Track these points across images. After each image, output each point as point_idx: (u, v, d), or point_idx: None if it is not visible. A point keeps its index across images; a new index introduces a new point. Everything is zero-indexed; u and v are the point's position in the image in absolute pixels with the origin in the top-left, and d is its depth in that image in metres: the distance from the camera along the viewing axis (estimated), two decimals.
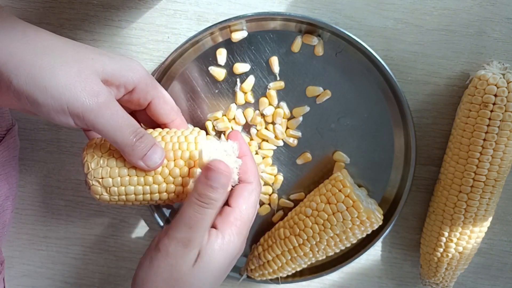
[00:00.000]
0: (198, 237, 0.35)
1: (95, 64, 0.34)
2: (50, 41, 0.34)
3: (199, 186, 0.35)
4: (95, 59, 0.34)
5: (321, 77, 0.44)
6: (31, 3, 0.45)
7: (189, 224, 0.35)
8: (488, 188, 0.41)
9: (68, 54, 0.33)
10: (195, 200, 0.35)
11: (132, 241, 0.51)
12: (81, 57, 0.34)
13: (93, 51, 0.35)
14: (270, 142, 0.46)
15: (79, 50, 0.34)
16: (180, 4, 0.45)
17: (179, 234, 0.35)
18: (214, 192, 0.34)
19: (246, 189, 0.38)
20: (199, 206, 0.34)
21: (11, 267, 0.52)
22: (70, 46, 0.34)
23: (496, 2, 0.43)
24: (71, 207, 0.50)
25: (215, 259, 0.36)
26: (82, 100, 0.32)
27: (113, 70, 0.35)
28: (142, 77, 0.37)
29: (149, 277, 0.36)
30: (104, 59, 0.35)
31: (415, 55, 0.44)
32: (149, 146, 0.36)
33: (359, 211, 0.41)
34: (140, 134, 0.35)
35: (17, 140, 0.46)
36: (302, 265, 0.45)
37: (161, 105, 0.39)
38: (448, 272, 0.45)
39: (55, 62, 0.32)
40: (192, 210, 0.35)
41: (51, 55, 0.32)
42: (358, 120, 0.45)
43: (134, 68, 0.37)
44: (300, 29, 0.43)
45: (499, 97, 0.39)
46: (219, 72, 0.45)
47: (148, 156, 0.35)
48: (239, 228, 0.37)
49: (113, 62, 0.35)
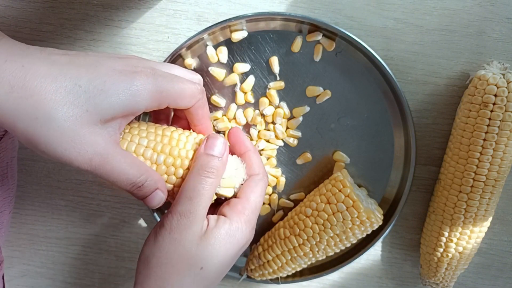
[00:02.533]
0: (199, 208, 0.35)
1: (90, 117, 0.31)
2: (39, 95, 0.30)
3: (199, 157, 0.36)
4: (89, 110, 0.31)
5: (321, 77, 0.44)
6: (31, 3, 0.45)
7: (190, 195, 0.35)
8: (488, 188, 0.41)
9: (60, 114, 0.30)
10: (196, 170, 0.35)
11: (132, 241, 0.51)
12: (74, 112, 0.31)
13: (89, 95, 0.31)
14: (271, 142, 0.46)
15: (72, 100, 0.31)
16: (180, 4, 0.45)
17: (180, 207, 0.35)
18: (212, 160, 0.36)
19: (252, 179, 0.39)
20: (200, 176, 0.35)
21: (11, 267, 0.52)
22: (62, 93, 0.31)
23: (496, 2, 0.43)
24: (71, 207, 0.50)
25: (221, 243, 0.36)
26: (78, 164, 0.32)
27: (112, 111, 0.32)
28: (148, 99, 0.33)
29: (154, 253, 0.36)
30: (100, 103, 0.31)
31: (415, 55, 0.44)
32: (149, 192, 0.35)
33: (359, 211, 0.41)
34: (138, 184, 0.34)
35: (16, 141, 0.46)
36: (302, 265, 0.45)
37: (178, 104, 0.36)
38: (448, 272, 0.45)
39: (48, 131, 0.30)
40: (192, 181, 0.35)
41: (44, 119, 0.30)
42: (358, 120, 0.45)
43: (138, 94, 0.33)
44: (300, 29, 0.43)
45: (499, 97, 0.39)
46: (219, 72, 0.45)
47: (147, 200, 0.36)
48: (247, 216, 0.38)
49: (111, 101, 0.32)
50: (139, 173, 0.34)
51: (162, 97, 0.34)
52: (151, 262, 0.36)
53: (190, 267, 0.36)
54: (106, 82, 0.32)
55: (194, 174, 0.36)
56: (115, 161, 0.33)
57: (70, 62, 0.32)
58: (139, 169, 0.35)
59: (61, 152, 0.31)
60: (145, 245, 0.37)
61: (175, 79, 0.35)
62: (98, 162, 0.32)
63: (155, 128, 0.38)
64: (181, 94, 0.35)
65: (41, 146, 0.31)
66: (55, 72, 0.31)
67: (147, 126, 0.38)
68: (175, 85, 0.35)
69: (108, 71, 0.32)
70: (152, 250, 0.36)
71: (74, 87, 0.31)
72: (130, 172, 0.34)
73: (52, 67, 0.31)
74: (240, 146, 0.40)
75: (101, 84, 0.32)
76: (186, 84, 0.36)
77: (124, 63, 0.34)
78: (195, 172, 0.36)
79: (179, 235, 0.35)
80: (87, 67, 0.32)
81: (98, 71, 0.32)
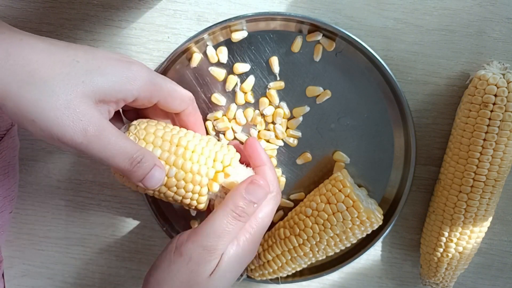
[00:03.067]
0: (222, 246, 0.35)
1: (85, 88, 0.31)
2: (36, 64, 0.30)
3: (237, 198, 0.35)
4: (85, 81, 0.31)
5: (321, 77, 0.44)
6: (31, 3, 0.45)
7: (219, 233, 0.35)
8: (488, 188, 0.41)
9: (56, 81, 0.30)
10: (229, 210, 0.35)
11: (132, 241, 0.51)
12: (70, 81, 0.31)
13: (85, 70, 0.32)
14: (271, 142, 0.46)
15: (69, 71, 0.31)
16: (180, 4, 0.45)
17: (207, 241, 0.35)
18: (250, 206, 0.36)
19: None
20: (233, 217, 0.35)
21: (11, 267, 0.52)
22: (59, 66, 0.31)
23: (496, 2, 0.43)
24: (71, 207, 0.50)
25: (230, 266, 0.36)
26: (71, 135, 0.31)
27: (106, 90, 0.32)
28: (142, 86, 0.34)
29: (167, 280, 0.36)
30: (96, 79, 0.32)
31: (415, 55, 0.44)
32: (147, 169, 0.34)
33: (359, 211, 0.41)
34: (137, 159, 0.34)
35: (17, 140, 0.46)
36: (302, 265, 0.45)
37: (168, 103, 0.37)
38: (448, 272, 0.45)
39: (41, 94, 0.30)
40: (225, 220, 0.35)
41: (38, 85, 0.30)
42: (358, 120, 0.45)
43: (132, 79, 0.33)
44: (300, 29, 0.43)
45: (499, 97, 0.39)
46: (219, 72, 0.45)
47: (147, 178, 0.35)
48: (253, 236, 0.38)
49: (106, 79, 0.32)
50: (136, 148, 0.34)
51: (155, 90, 0.35)
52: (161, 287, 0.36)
53: None
54: (103, 63, 0.32)
55: (227, 213, 0.35)
56: (111, 134, 0.32)
57: (68, 46, 0.33)
58: (135, 145, 0.34)
59: (54, 120, 0.30)
60: (154, 269, 0.37)
61: (167, 79, 0.37)
62: (93, 132, 0.31)
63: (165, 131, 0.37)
64: (172, 94, 0.37)
65: (32, 113, 0.30)
66: (53, 49, 0.31)
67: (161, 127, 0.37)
68: (167, 83, 0.37)
69: (105, 55, 0.33)
70: (164, 277, 0.36)
71: (72, 61, 0.31)
72: (127, 145, 0.33)
73: (51, 45, 0.32)
74: (256, 159, 0.40)
75: (98, 63, 0.32)
76: (177, 86, 0.38)
77: (120, 55, 0.35)
78: (228, 211, 0.35)
79: (197, 267, 0.35)
80: (85, 50, 0.33)
81: (95, 53, 0.33)
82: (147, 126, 0.37)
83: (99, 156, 0.32)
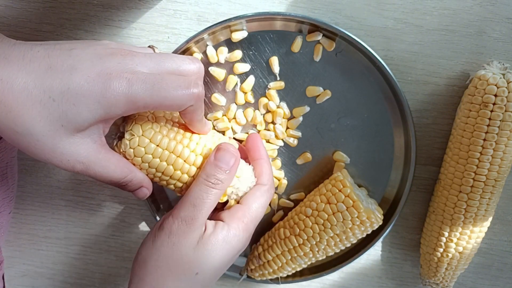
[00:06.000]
0: (201, 217, 0.36)
1: (66, 130, 0.32)
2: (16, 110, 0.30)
3: (207, 167, 0.37)
4: (65, 125, 0.31)
5: (321, 77, 0.44)
6: (31, 3, 0.45)
7: (194, 203, 0.36)
8: (488, 188, 0.41)
9: (37, 129, 0.31)
10: (202, 180, 0.36)
11: (132, 241, 0.51)
12: (51, 127, 0.31)
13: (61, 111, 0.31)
14: (271, 142, 0.46)
15: (47, 114, 0.31)
16: (180, 4, 0.45)
17: (183, 212, 0.36)
18: (220, 172, 0.36)
19: (258, 189, 0.40)
20: (206, 185, 0.36)
21: (11, 267, 0.52)
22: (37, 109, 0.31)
23: (496, 2, 0.43)
24: (71, 207, 0.50)
25: (217, 249, 0.37)
26: (63, 169, 0.34)
27: (87, 120, 0.32)
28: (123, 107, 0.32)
29: (151, 255, 0.37)
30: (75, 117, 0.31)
31: (415, 55, 0.44)
32: (133, 189, 0.38)
33: (359, 211, 0.41)
34: (123, 183, 0.36)
35: None
36: (302, 265, 0.45)
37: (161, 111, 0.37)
38: (448, 272, 0.45)
39: (29, 143, 0.32)
40: (198, 189, 0.36)
41: (23, 135, 0.31)
42: (358, 120, 0.45)
43: (110, 106, 0.31)
44: (300, 29, 0.43)
45: (499, 97, 0.39)
46: (219, 72, 0.45)
47: (133, 193, 0.38)
48: (246, 224, 0.38)
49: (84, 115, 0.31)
50: (123, 175, 0.36)
51: (139, 107, 0.32)
52: (148, 264, 0.37)
53: (185, 271, 0.36)
54: (77, 95, 0.31)
55: (200, 182, 0.37)
56: (98, 167, 0.35)
57: (48, 69, 0.31)
58: (122, 171, 0.36)
59: (46, 160, 0.33)
60: (142, 246, 0.38)
61: (156, 87, 0.32)
62: (80, 169, 0.34)
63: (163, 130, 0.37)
64: (162, 105, 0.33)
65: (27, 153, 0.33)
66: (31, 85, 0.31)
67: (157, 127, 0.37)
68: (154, 93, 0.32)
69: (82, 79, 0.31)
70: (149, 252, 0.37)
71: (48, 100, 0.31)
72: (113, 175, 0.36)
73: (29, 78, 0.31)
74: (254, 152, 0.41)
75: (72, 97, 0.31)
76: (171, 93, 0.32)
77: (103, 66, 0.32)
78: (201, 180, 0.36)
79: (178, 239, 0.36)
80: (62, 75, 0.31)
81: (73, 80, 0.31)
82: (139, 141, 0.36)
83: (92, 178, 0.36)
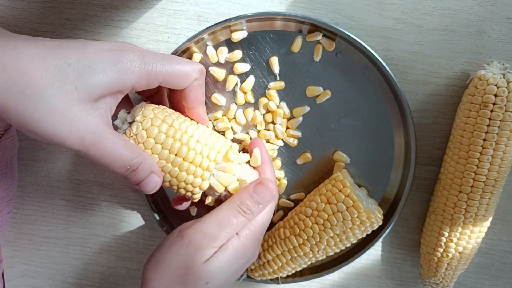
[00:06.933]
0: (223, 238, 0.37)
1: (79, 94, 0.32)
2: (30, 74, 0.31)
3: (244, 195, 0.37)
4: (78, 87, 0.32)
5: (321, 77, 0.44)
6: (31, 3, 0.45)
7: (222, 223, 0.36)
8: (488, 188, 0.41)
9: (50, 91, 0.31)
10: (236, 205, 0.37)
11: (132, 241, 0.51)
12: (64, 89, 0.31)
13: (77, 73, 0.32)
14: (272, 142, 0.46)
15: (62, 77, 0.31)
16: (180, 4, 0.45)
17: (209, 229, 0.36)
18: (255, 206, 0.37)
19: None
20: (238, 211, 0.37)
21: (11, 267, 0.52)
22: (52, 72, 0.31)
23: (496, 2, 0.43)
24: (71, 207, 0.50)
25: (228, 259, 0.37)
26: (70, 144, 0.32)
27: (100, 87, 0.32)
28: (136, 76, 0.34)
29: (165, 259, 0.37)
30: (89, 80, 0.32)
31: (415, 55, 0.44)
32: (143, 176, 0.35)
33: (359, 211, 0.41)
34: (133, 167, 0.34)
35: (15, 140, 0.46)
36: (302, 265, 0.45)
37: (169, 84, 0.36)
38: (448, 272, 0.45)
39: (38, 106, 0.31)
40: (230, 212, 0.37)
41: (33, 97, 0.31)
42: (358, 120, 0.45)
43: (125, 71, 0.33)
44: (300, 29, 0.43)
45: (499, 97, 0.39)
46: (219, 72, 0.45)
47: (142, 184, 0.35)
48: (253, 233, 0.39)
49: (99, 78, 0.32)
50: (133, 155, 0.34)
51: (150, 77, 0.34)
52: (161, 267, 0.37)
53: (196, 281, 0.36)
54: (93, 60, 0.32)
55: (233, 206, 0.37)
56: (108, 141, 0.33)
57: (59, 46, 0.33)
58: (133, 151, 0.34)
59: (52, 131, 0.31)
60: (157, 249, 0.38)
61: (166, 59, 0.35)
62: (90, 141, 0.32)
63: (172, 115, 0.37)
64: (172, 73, 0.35)
65: (32, 125, 0.31)
66: (45, 53, 0.32)
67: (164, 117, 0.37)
68: (164, 65, 0.35)
69: (96, 50, 0.33)
70: (163, 256, 0.37)
71: (63, 65, 0.32)
72: (124, 153, 0.34)
73: (43, 49, 0.32)
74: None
75: (89, 62, 0.32)
76: (178, 64, 0.36)
77: (112, 44, 0.34)
78: (235, 205, 0.37)
79: (195, 252, 0.36)
80: (76, 49, 0.33)
81: (86, 50, 0.33)
82: (150, 127, 0.36)
83: (97, 162, 0.33)
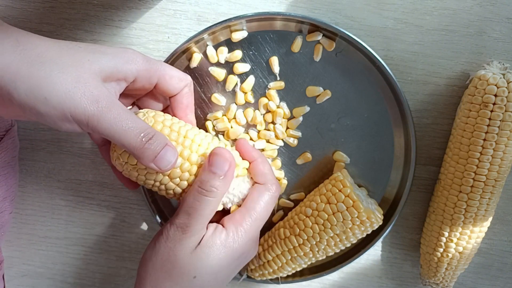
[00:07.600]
0: (195, 224, 0.36)
1: (92, 66, 0.33)
2: (44, 47, 0.32)
3: (201, 173, 0.36)
4: (91, 60, 0.33)
5: (321, 77, 0.44)
6: (31, 3, 0.45)
7: (188, 211, 0.36)
8: (488, 188, 0.41)
9: (64, 60, 0.32)
10: (196, 187, 0.36)
11: (132, 241, 0.51)
12: (77, 60, 0.33)
13: (88, 51, 0.34)
14: (271, 142, 0.46)
15: (74, 53, 0.33)
16: (180, 4, 0.45)
17: (178, 220, 0.36)
18: (214, 179, 0.35)
19: (256, 189, 0.39)
20: (199, 193, 0.36)
21: (11, 267, 0.52)
22: (65, 49, 0.33)
23: (496, 2, 0.43)
24: (71, 207, 0.50)
25: (214, 253, 0.37)
26: (83, 106, 0.31)
27: (110, 68, 0.34)
28: (141, 65, 0.36)
29: (151, 258, 0.37)
30: (100, 58, 0.34)
31: (415, 55, 0.44)
32: (160, 146, 0.34)
33: (359, 211, 0.41)
34: (149, 135, 0.33)
35: (17, 141, 0.46)
36: (302, 265, 0.45)
37: (167, 81, 0.38)
38: (448, 272, 0.45)
39: (51, 71, 0.31)
40: (192, 197, 0.36)
41: (47, 63, 0.31)
42: (358, 120, 0.45)
43: (131, 59, 0.36)
44: (300, 29, 0.43)
45: (499, 97, 0.39)
46: (219, 72, 0.45)
47: (159, 157, 0.34)
48: (246, 227, 0.38)
49: (109, 58, 0.34)
50: (145, 126, 0.34)
51: (152, 69, 0.37)
52: (147, 266, 0.37)
53: (183, 275, 0.36)
54: (102, 47, 0.35)
55: (194, 190, 0.36)
56: (122, 108, 0.33)
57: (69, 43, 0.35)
58: (145, 123, 0.34)
59: (65, 94, 0.31)
60: (146, 249, 0.39)
61: (163, 63, 0.38)
62: (105, 105, 0.32)
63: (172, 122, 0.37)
64: (169, 73, 0.38)
65: (43, 89, 0.31)
66: (57, 39, 0.34)
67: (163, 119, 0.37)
68: (163, 65, 0.38)
69: (102, 45, 0.37)
70: (149, 255, 0.38)
71: (74, 46, 0.34)
72: (139, 121, 0.33)
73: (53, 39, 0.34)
74: (247, 156, 0.40)
75: (99, 47, 0.35)
76: (173, 69, 0.39)
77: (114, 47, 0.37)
78: (195, 188, 0.36)
79: (174, 245, 0.36)
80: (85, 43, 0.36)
81: (94, 44, 0.36)
82: (155, 115, 0.37)
83: (110, 131, 0.32)
